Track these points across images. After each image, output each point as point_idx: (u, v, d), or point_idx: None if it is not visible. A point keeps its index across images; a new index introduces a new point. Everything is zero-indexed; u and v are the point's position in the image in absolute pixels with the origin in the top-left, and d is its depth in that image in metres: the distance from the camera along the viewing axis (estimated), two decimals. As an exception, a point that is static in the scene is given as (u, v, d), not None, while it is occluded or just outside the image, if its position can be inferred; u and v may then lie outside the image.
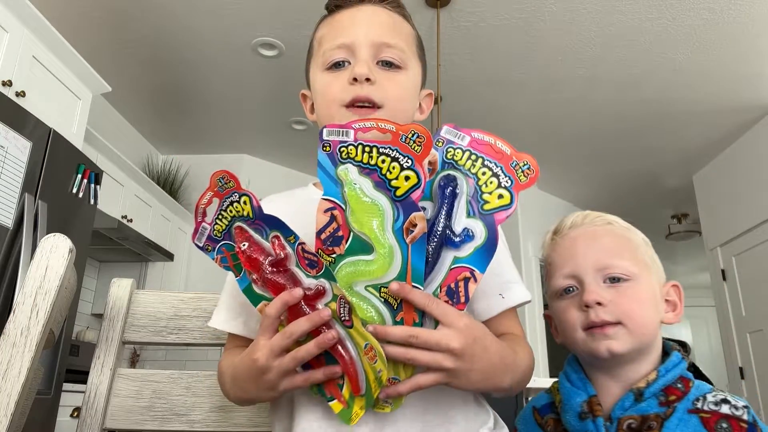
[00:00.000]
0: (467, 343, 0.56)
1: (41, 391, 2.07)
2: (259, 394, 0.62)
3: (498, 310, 0.70)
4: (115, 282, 0.90)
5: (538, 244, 4.85)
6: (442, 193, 0.59)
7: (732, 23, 2.91)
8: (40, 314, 0.61)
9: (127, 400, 0.84)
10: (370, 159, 0.58)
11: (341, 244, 0.58)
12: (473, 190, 0.59)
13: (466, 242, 0.58)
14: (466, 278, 0.58)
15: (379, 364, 0.55)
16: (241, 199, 0.60)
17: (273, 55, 3.22)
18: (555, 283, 0.76)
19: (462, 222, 0.58)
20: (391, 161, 0.57)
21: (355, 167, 0.58)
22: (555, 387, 0.78)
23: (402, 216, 0.57)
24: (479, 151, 0.59)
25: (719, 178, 4.30)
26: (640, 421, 0.66)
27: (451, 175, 0.59)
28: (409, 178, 0.57)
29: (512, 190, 0.58)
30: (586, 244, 0.75)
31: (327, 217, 0.58)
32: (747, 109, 3.71)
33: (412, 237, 0.56)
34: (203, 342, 0.88)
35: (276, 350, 0.57)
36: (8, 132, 1.97)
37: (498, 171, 0.59)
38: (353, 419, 0.58)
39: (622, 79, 3.41)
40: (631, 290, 0.71)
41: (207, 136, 4.23)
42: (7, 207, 1.95)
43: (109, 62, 3.25)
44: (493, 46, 3.14)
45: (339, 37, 0.73)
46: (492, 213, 0.58)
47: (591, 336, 0.71)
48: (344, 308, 0.55)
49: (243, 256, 0.59)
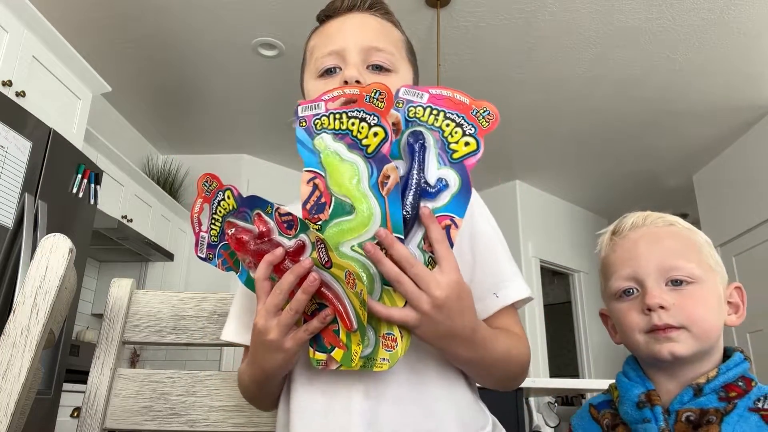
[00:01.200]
0: (450, 296, 0.58)
1: (41, 391, 2.07)
2: (270, 360, 0.63)
3: (493, 309, 0.70)
4: (115, 282, 0.90)
5: (538, 244, 4.86)
6: (410, 149, 0.61)
7: (732, 23, 2.91)
8: (40, 314, 0.61)
9: (127, 400, 0.84)
10: (341, 124, 0.62)
11: (325, 210, 0.61)
12: (440, 142, 0.61)
13: (442, 191, 0.60)
14: (447, 225, 0.60)
15: (359, 285, 0.57)
16: (225, 195, 0.63)
17: (273, 55, 3.23)
18: (614, 284, 0.74)
19: (435, 173, 0.61)
20: (360, 122, 0.61)
21: (329, 135, 0.62)
22: (612, 386, 0.78)
23: (376, 171, 0.60)
24: (439, 105, 0.62)
25: (719, 178, 4.30)
26: (699, 415, 0.65)
27: (416, 131, 0.62)
28: (377, 134, 0.60)
29: (477, 136, 0.61)
30: (648, 246, 0.73)
31: (310, 187, 0.62)
32: (747, 108, 3.71)
33: (387, 189, 0.59)
34: (203, 342, 0.88)
35: (271, 309, 0.60)
36: (8, 132, 1.97)
37: (461, 121, 0.61)
38: (354, 359, 0.60)
39: (622, 78, 3.41)
40: (695, 293, 0.70)
41: (207, 136, 4.23)
42: (7, 207, 1.95)
43: (109, 62, 3.25)
44: (493, 45, 3.14)
45: (329, 45, 0.76)
46: (461, 160, 0.61)
47: (653, 338, 0.70)
48: (321, 250, 0.57)
49: (232, 242, 0.62)
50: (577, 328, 5.21)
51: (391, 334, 0.60)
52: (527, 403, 3.14)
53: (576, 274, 5.25)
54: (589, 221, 5.50)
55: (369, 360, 0.60)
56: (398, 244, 0.58)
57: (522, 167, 4.64)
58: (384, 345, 0.60)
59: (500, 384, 0.71)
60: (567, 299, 5.61)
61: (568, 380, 3.06)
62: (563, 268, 5.18)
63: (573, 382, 3.06)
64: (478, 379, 0.69)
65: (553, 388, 2.90)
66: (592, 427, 0.77)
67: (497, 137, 4.06)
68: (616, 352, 5.24)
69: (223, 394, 0.85)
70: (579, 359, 5.16)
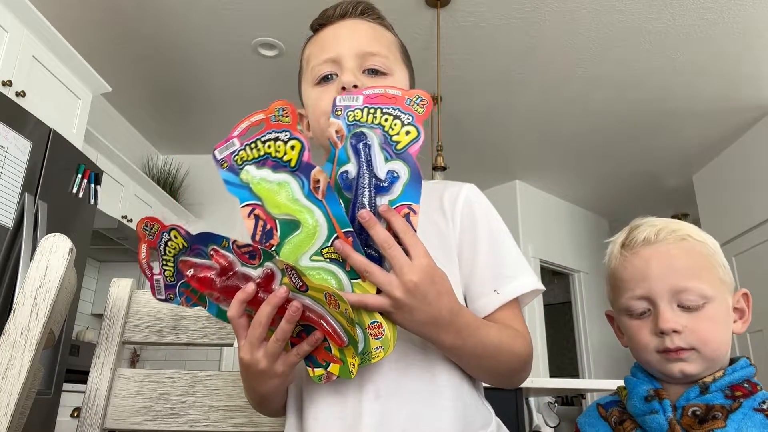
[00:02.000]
0: (422, 280, 0.59)
1: (41, 391, 2.07)
2: (266, 386, 0.64)
3: (493, 306, 0.71)
4: (115, 282, 0.90)
5: (538, 244, 4.86)
6: (356, 150, 0.63)
7: (732, 23, 2.91)
8: (40, 314, 0.61)
9: (127, 400, 0.84)
10: (258, 152, 0.63)
11: (273, 234, 0.62)
12: (382, 137, 0.63)
13: (394, 183, 0.62)
14: (406, 214, 0.61)
15: (341, 305, 0.58)
16: (171, 235, 0.62)
17: (273, 55, 3.22)
18: (626, 303, 0.74)
19: (384, 168, 0.63)
20: (275, 142, 0.63)
21: (252, 165, 0.64)
22: (620, 387, 0.79)
23: (305, 181, 0.62)
24: (375, 103, 0.64)
25: (719, 178, 4.31)
26: (705, 410, 0.67)
27: (358, 132, 0.63)
28: (294, 146, 0.62)
29: (416, 123, 0.63)
30: (660, 266, 0.72)
31: (252, 219, 0.63)
32: (747, 108, 3.71)
33: (321, 191, 0.61)
34: (203, 342, 0.88)
35: (255, 342, 0.60)
36: (8, 132, 1.97)
37: (397, 113, 0.63)
38: (352, 371, 0.61)
39: (622, 78, 3.41)
40: (707, 315, 0.70)
41: (207, 136, 4.23)
42: (7, 207, 1.95)
43: (109, 62, 3.25)
44: (493, 45, 3.14)
45: (325, 53, 0.77)
46: (406, 149, 0.63)
47: (665, 359, 0.71)
48: (294, 276, 0.58)
49: (194, 281, 0.62)
50: (577, 328, 5.21)
51: (376, 322, 0.61)
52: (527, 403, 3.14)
53: (576, 274, 5.25)
54: (589, 221, 5.50)
55: (364, 355, 0.61)
56: (377, 227, 0.59)
57: (522, 167, 4.64)
58: (372, 335, 0.61)
59: (496, 378, 0.70)
60: (567, 299, 5.61)
61: (568, 380, 3.06)
62: (563, 268, 5.18)
63: (573, 382, 3.06)
64: (469, 370, 0.69)
65: (553, 388, 2.90)
66: (600, 424, 0.78)
67: (497, 137, 4.07)
68: (616, 352, 5.24)
69: (223, 394, 0.85)
70: (579, 359, 5.16)
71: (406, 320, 0.61)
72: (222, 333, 0.88)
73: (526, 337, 0.71)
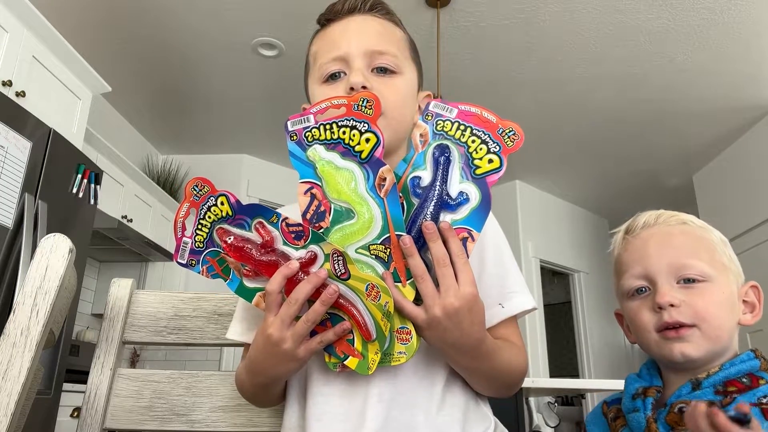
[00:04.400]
0: (462, 307, 0.59)
1: (41, 391, 2.07)
2: (281, 369, 0.64)
3: (497, 319, 0.71)
4: (115, 282, 0.90)
5: (538, 244, 4.86)
6: (435, 161, 0.63)
7: (732, 23, 2.91)
8: (40, 314, 0.61)
9: (127, 400, 0.84)
10: (332, 134, 0.63)
11: (325, 218, 0.62)
12: (464, 157, 0.63)
13: (462, 205, 0.62)
14: (464, 238, 0.61)
15: (383, 297, 0.58)
16: (218, 201, 0.62)
17: (273, 55, 3.22)
18: (626, 282, 0.75)
19: (457, 186, 0.62)
20: (351, 130, 0.63)
21: (322, 146, 0.64)
22: None
23: (371, 175, 0.62)
24: (467, 121, 0.63)
25: (719, 178, 4.30)
26: None
27: (443, 144, 0.63)
28: (369, 139, 0.62)
29: (501, 155, 0.62)
30: (659, 245, 0.73)
31: (308, 197, 0.63)
32: (747, 108, 3.71)
33: (384, 190, 0.61)
34: (203, 342, 0.88)
35: (286, 320, 0.60)
36: (8, 132, 1.97)
37: (486, 138, 0.62)
38: (371, 368, 0.61)
39: (622, 78, 3.41)
40: (706, 291, 0.70)
41: (207, 136, 4.23)
42: (7, 207, 1.95)
43: (109, 62, 3.25)
44: (493, 45, 3.14)
45: (333, 51, 0.76)
46: (484, 176, 0.62)
47: (664, 339, 0.70)
48: (338, 263, 0.59)
49: (231, 250, 0.62)
50: (577, 328, 5.21)
51: (405, 327, 0.61)
52: (527, 403, 3.14)
53: (576, 274, 5.25)
54: (589, 221, 5.49)
55: (386, 355, 0.61)
56: (438, 242, 0.60)
57: (522, 167, 4.64)
58: (399, 339, 0.61)
59: (496, 392, 0.72)
60: (567, 299, 5.61)
61: (568, 380, 3.06)
62: (563, 268, 5.18)
63: (573, 382, 3.06)
64: (475, 385, 0.70)
65: (553, 388, 2.90)
66: (600, 421, 0.79)
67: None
68: (616, 352, 5.24)
69: (223, 394, 0.85)
70: (579, 359, 5.15)
71: (433, 337, 0.61)
72: (222, 333, 0.88)
73: (525, 352, 0.73)
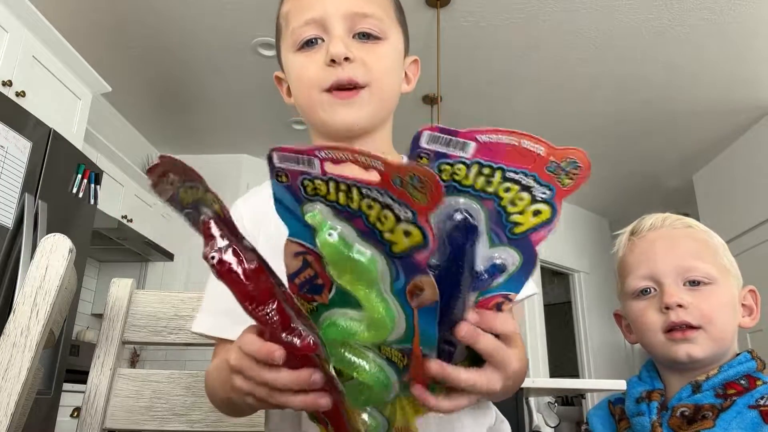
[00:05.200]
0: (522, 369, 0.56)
1: (41, 391, 2.07)
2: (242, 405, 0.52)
3: None
4: (115, 282, 0.90)
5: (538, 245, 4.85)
6: (451, 240, 0.40)
7: (732, 24, 2.91)
8: (40, 314, 0.61)
9: (127, 400, 0.84)
10: (348, 201, 0.39)
11: (322, 293, 0.44)
12: (495, 213, 0.40)
13: (495, 275, 0.42)
14: (498, 303, 0.44)
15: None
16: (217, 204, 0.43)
17: (273, 55, 3.22)
18: (631, 283, 0.75)
19: (485, 255, 0.41)
20: (383, 209, 0.38)
21: (329, 208, 0.40)
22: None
23: (402, 276, 0.40)
24: (495, 159, 0.39)
25: (719, 178, 4.30)
26: (694, 410, 0.66)
27: (465, 216, 0.40)
28: (409, 233, 0.38)
29: (553, 201, 0.41)
30: (666, 247, 0.74)
31: (299, 261, 0.43)
32: (747, 109, 3.71)
33: (418, 302, 0.40)
34: (203, 342, 0.88)
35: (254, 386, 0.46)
36: (8, 132, 1.97)
37: (529, 182, 0.40)
38: None
39: (621, 79, 3.41)
40: (712, 294, 0.70)
41: (207, 136, 4.22)
42: (7, 207, 1.95)
43: (109, 62, 3.25)
44: (493, 46, 3.14)
45: (306, 12, 0.64)
46: (526, 234, 0.41)
47: (671, 340, 0.70)
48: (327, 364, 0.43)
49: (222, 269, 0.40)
50: (577, 328, 5.21)
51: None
52: (527, 403, 3.14)
53: (576, 274, 5.25)
54: (589, 221, 5.49)
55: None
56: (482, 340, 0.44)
57: (522, 167, 4.64)
58: None
59: (501, 398, 0.71)
60: (567, 299, 5.60)
61: (568, 380, 3.06)
62: (563, 268, 5.18)
63: (573, 382, 3.06)
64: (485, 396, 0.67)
65: (553, 388, 2.90)
66: (607, 418, 0.79)
67: (497, 137, 4.05)
68: (616, 352, 5.24)
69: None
70: (579, 359, 5.16)
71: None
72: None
73: (525, 350, 0.69)
